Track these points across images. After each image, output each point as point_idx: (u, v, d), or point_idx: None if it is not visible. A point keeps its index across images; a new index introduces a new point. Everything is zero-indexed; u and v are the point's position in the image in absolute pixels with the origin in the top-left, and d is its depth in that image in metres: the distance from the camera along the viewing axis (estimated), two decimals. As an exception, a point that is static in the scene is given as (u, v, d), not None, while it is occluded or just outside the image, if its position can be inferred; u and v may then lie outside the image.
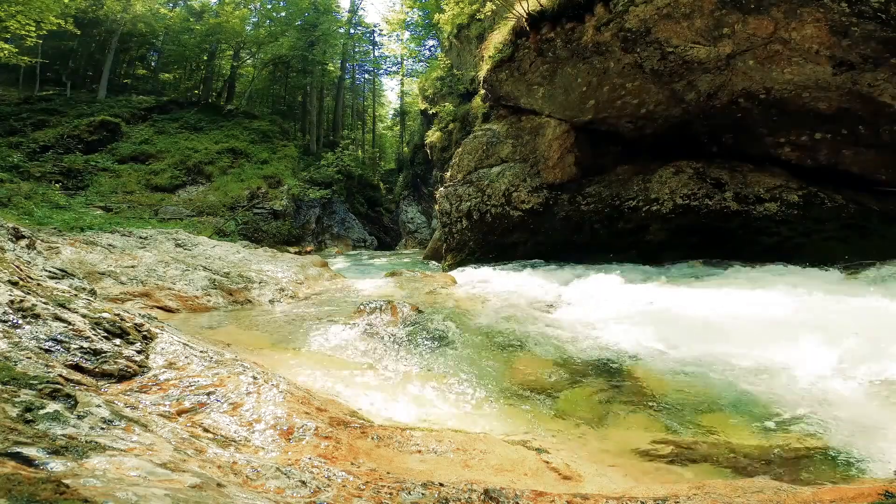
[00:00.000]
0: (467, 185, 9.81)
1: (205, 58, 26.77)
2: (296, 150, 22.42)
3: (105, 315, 2.10)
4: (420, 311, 4.83)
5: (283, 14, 26.86)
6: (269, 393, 2.00)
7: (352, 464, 1.61)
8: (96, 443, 1.17)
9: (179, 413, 1.69)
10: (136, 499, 0.83)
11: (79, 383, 1.60)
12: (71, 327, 1.87)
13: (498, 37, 9.14)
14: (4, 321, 1.69)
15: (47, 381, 1.38)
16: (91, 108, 19.70)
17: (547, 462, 1.90)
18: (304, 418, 1.87)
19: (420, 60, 32.08)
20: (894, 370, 2.87)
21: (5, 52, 14.65)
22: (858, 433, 2.26)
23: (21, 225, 4.73)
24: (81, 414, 1.30)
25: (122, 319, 2.15)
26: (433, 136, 17.55)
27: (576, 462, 1.97)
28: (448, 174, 10.89)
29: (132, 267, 5.53)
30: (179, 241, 7.41)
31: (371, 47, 35.45)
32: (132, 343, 2.04)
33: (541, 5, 7.68)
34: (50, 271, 3.26)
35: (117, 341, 1.99)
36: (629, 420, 2.63)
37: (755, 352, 3.33)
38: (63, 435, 1.14)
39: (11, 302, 1.81)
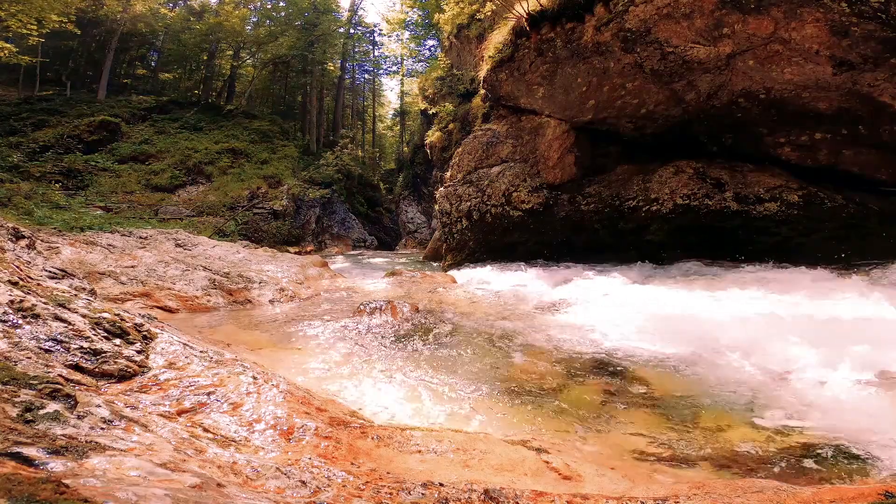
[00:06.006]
0: (467, 185, 9.80)
1: (205, 57, 26.76)
2: (296, 150, 22.40)
3: (105, 315, 2.10)
4: (420, 311, 4.83)
5: (283, 14, 26.84)
6: (269, 393, 2.00)
7: (352, 464, 1.61)
8: (96, 443, 1.17)
9: (179, 413, 1.69)
10: (136, 499, 0.83)
11: (79, 383, 1.60)
12: (71, 327, 1.87)
13: (498, 37, 9.14)
14: (4, 321, 1.69)
15: (47, 381, 1.38)
16: (91, 108, 19.68)
17: (547, 462, 1.90)
18: (304, 418, 1.87)
19: (420, 60, 32.06)
20: (891, 369, 2.87)
21: (6, 51, 14.63)
22: (858, 433, 2.26)
23: (21, 225, 4.72)
24: (81, 414, 1.30)
25: (122, 319, 2.15)
26: (433, 136, 17.54)
27: (576, 462, 1.96)
28: (448, 174, 10.89)
29: (132, 267, 5.53)
30: (179, 241, 7.41)
31: (371, 47, 35.43)
32: (132, 343, 2.04)
33: (541, 5, 7.68)
34: (50, 271, 3.26)
35: (117, 341, 1.99)
36: (629, 420, 2.63)
37: (755, 352, 3.33)
38: (63, 435, 1.14)
39: (11, 302, 1.81)
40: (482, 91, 11.22)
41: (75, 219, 11.93)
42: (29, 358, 1.55)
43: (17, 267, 2.56)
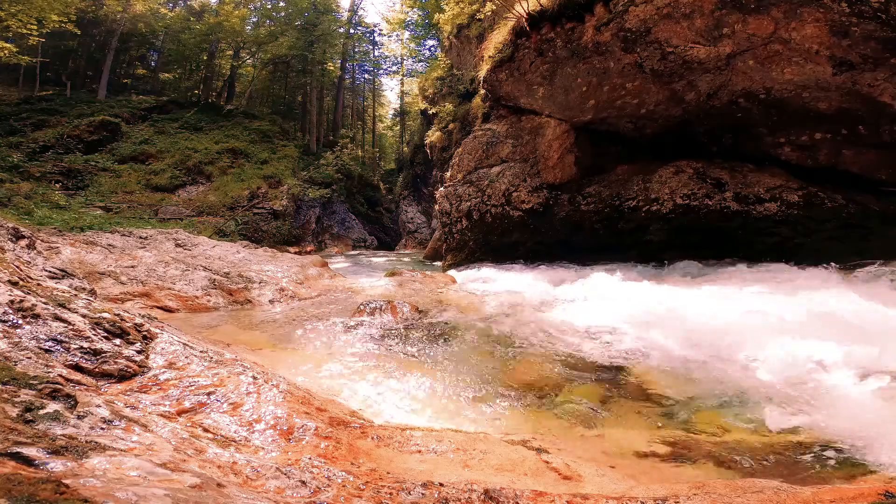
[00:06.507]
0: (467, 185, 9.80)
1: (204, 57, 26.77)
2: (296, 150, 22.40)
3: (105, 315, 2.10)
4: (420, 311, 4.84)
5: (283, 14, 26.84)
6: (269, 393, 2.00)
7: (352, 464, 1.61)
8: (96, 443, 1.17)
9: (179, 413, 1.69)
10: (136, 499, 0.83)
11: (79, 383, 1.60)
12: (71, 327, 1.87)
13: (498, 37, 9.13)
14: (4, 321, 1.69)
15: (47, 381, 1.38)
16: (91, 108, 19.68)
17: (547, 462, 1.90)
18: (303, 418, 1.87)
19: (420, 60, 32.06)
20: (891, 369, 2.87)
21: (6, 51, 14.65)
22: (857, 432, 2.26)
23: (21, 225, 4.72)
24: (81, 414, 1.30)
25: (122, 319, 2.15)
26: (433, 136, 17.54)
27: (576, 462, 1.96)
28: (448, 174, 10.89)
29: (132, 267, 5.53)
30: (179, 241, 7.41)
31: (371, 47, 35.42)
32: (132, 343, 2.04)
33: (541, 5, 7.68)
34: (50, 271, 3.26)
35: (117, 341, 1.99)
36: (629, 420, 2.63)
37: (754, 351, 3.33)
38: (63, 435, 1.14)
39: (11, 302, 1.81)
40: (482, 91, 11.21)
41: (75, 219, 11.94)
42: (29, 358, 1.55)
43: (17, 267, 2.56)
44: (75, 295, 2.31)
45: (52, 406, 1.24)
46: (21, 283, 2.12)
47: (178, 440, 1.41)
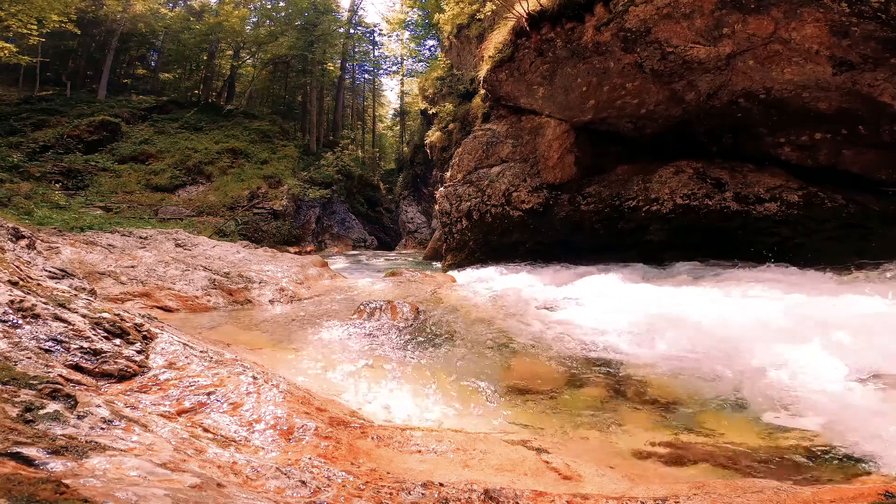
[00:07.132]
0: (467, 185, 9.80)
1: (204, 57, 26.79)
2: (296, 150, 22.40)
3: (105, 315, 2.10)
4: (420, 311, 4.84)
5: (283, 14, 26.85)
6: (269, 393, 2.00)
7: (352, 464, 1.61)
8: (96, 443, 1.17)
9: (179, 413, 1.69)
10: (136, 499, 0.83)
11: (79, 383, 1.60)
12: (71, 327, 1.87)
13: (498, 37, 9.13)
14: (4, 321, 1.69)
15: (47, 381, 1.38)
16: (91, 108, 19.69)
17: (547, 462, 1.90)
18: (303, 418, 1.87)
19: (420, 60, 32.09)
20: (891, 370, 2.87)
21: (6, 51, 14.66)
22: (857, 433, 2.26)
23: (21, 225, 4.73)
24: (81, 414, 1.30)
25: (122, 319, 2.15)
26: (433, 136, 17.54)
27: (576, 462, 1.96)
28: (448, 174, 10.89)
29: (132, 267, 5.53)
30: (179, 241, 7.41)
31: (371, 47, 35.44)
32: (132, 343, 2.04)
33: (541, 5, 7.68)
34: (50, 271, 3.26)
35: (117, 341, 1.99)
36: (629, 420, 2.63)
37: (754, 352, 3.32)
38: (63, 435, 1.14)
39: (11, 302, 1.81)
40: (482, 91, 11.21)
41: (75, 219, 11.94)
42: (29, 358, 1.55)
43: (17, 267, 2.56)
44: (75, 295, 2.31)
45: (52, 406, 1.24)
46: (21, 283, 2.12)
47: (178, 440, 1.41)
